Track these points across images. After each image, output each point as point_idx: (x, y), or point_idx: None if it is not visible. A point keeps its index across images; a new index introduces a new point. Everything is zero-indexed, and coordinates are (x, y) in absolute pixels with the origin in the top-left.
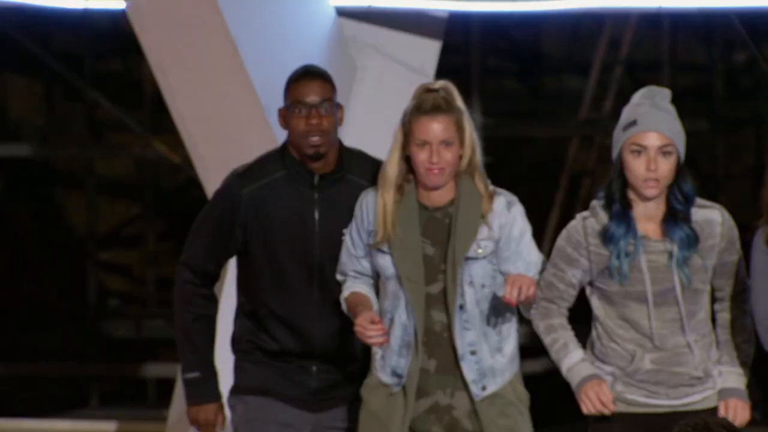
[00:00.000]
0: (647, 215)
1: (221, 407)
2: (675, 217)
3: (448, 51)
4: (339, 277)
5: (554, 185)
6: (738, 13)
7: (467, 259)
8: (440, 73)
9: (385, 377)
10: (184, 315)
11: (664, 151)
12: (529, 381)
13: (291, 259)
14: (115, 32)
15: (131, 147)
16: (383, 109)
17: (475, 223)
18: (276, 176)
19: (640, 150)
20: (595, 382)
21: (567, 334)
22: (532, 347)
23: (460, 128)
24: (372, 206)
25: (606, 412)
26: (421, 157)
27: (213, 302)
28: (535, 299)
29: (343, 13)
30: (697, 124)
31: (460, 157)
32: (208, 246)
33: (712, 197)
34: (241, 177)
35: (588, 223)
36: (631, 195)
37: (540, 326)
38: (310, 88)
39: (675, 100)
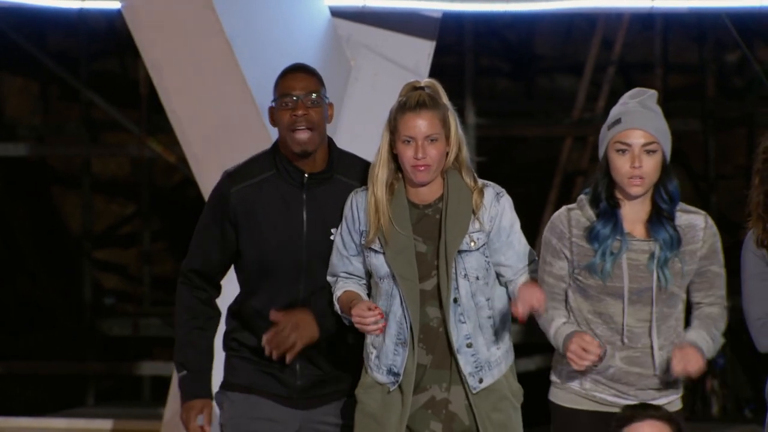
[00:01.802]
0: (633, 215)
1: (207, 404)
2: (660, 215)
3: (441, 51)
4: (330, 278)
5: (548, 185)
6: (730, 13)
7: (461, 252)
8: (434, 73)
9: (381, 376)
10: (180, 322)
11: (648, 149)
12: (523, 379)
13: (278, 258)
14: (110, 32)
15: (127, 146)
16: (377, 108)
17: (465, 217)
18: (265, 176)
19: (625, 148)
20: (575, 336)
21: (556, 309)
22: (525, 345)
23: (445, 124)
24: (363, 206)
25: (593, 358)
26: (407, 153)
27: (211, 307)
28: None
29: (337, 13)
30: (689, 124)
31: (447, 154)
32: (204, 249)
33: (704, 197)
34: (231, 176)
35: (573, 214)
36: (618, 194)
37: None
38: (296, 80)
39: (667, 100)
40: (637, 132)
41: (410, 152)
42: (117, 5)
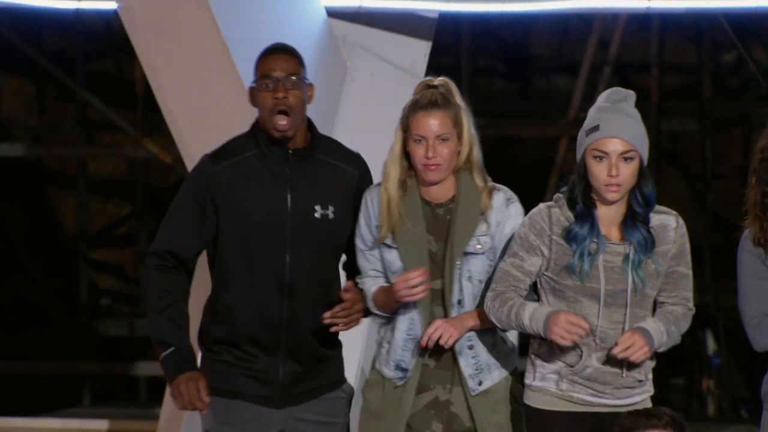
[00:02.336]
0: (609, 218)
1: (202, 377)
2: (634, 219)
3: (437, 51)
4: (358, 279)
5: (544, 185)
6: (726, 13)
7: (467, 254)
8: (430, 74)
9: (389, 371)
10: (154, 301)
11: (625, 156)
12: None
13: (262, 235)
14: (106, 32)
15: (123, 147)
16: (374, 109)
17: (473, 219)
18: (247, 155)
19: (602, 155)
20: (556, 314)
21: (520, 299)
22: (525, 345)
23: (457, 124)
24: (377, 202)
25: (581, 332)
26: (418, 152)
27: (184, 287)
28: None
29: (333, 13)
30: (685, 124)
31: (459, 153)
32: (182, 229)
33: (701, 197)
34: (212, 157)
35: (553, 212)
36: (595, 196)
37: (495, 305)
38: (277, 62)
39: (663, 100)
40: (615, 141)
41: (421, 151)
42: (113, 6)
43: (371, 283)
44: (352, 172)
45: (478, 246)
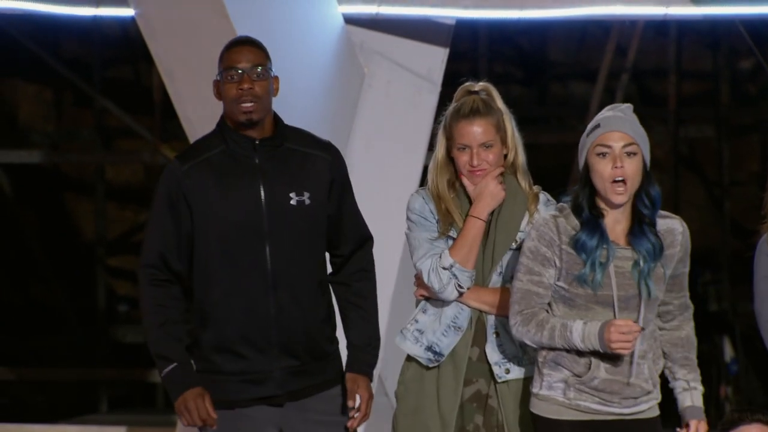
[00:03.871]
0: (615, 222)
1: (206, 392)
2: (641, 223)
3: (454, 58)
4: (418, 262)
5: (561, 191)
6: (743, 20)
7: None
8: (447, 80)
9: (417, 349)
10: (151, 318)
11: (627, 150)
12: None
13: (240, 232)
14: (124, 39)
15: (140, 153)
16: (391, 115)
17: (517, 220)
18: (215, 152)
19: (606, 151)
20: (606, 328)
21: (558, 319)
22: None
23: (500, 129)
24: (430, 200)
25: (637, 335)
26: (462, 159)
27: (180, 300)
28: None
29: (351, 20)
30: (702, 131)
31: (505, 156)
32: (163, 237)
33: (718, 203)
34: (179, 158)
35: (559, 221)
36: (600, 203)
37: (531, 330)
38: (242, 53)
39: (681, 107)
40: (617, 134)
41: (466, 158)
42: (131, 12)
43: (432, 262)
44: (324, 157)
45: (513, 243)
